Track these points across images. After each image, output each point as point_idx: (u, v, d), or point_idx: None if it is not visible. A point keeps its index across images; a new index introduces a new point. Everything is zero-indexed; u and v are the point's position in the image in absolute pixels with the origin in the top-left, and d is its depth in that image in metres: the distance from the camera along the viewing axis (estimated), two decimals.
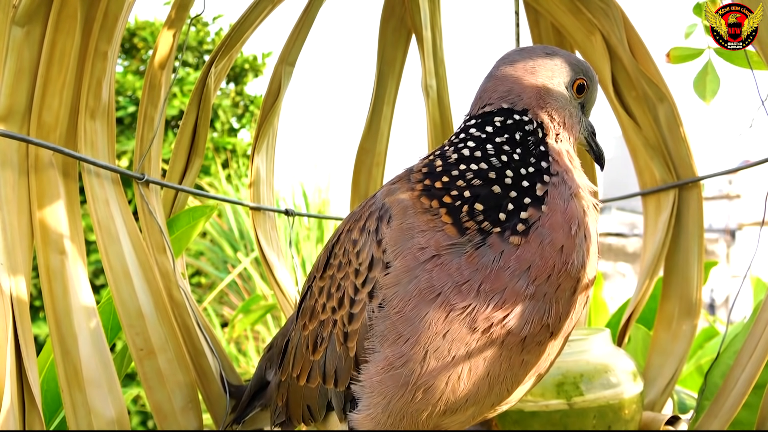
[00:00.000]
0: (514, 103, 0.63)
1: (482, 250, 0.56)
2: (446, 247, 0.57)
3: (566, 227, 0.58)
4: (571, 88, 0.66)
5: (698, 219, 1.03)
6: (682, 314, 1.03)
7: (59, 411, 0.87)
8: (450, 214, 0.58)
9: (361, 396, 0.62)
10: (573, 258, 0.58)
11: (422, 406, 0.59)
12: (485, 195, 0.58)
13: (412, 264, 0.57)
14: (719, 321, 2.16)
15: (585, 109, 0.68)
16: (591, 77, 0.68)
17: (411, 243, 0.58)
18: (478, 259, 0.56)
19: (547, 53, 0.67)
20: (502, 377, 0.60)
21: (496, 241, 0.57)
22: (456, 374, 0.58)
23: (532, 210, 0.57)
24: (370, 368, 0.60)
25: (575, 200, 0.59)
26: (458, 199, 0.58)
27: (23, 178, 0.75)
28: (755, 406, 0.84)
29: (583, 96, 0.67)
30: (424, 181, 0.61)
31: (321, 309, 0.68)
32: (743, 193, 7.16)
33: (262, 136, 1.09)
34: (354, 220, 0.66)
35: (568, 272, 0.58)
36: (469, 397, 0.60)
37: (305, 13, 1.09)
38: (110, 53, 0.81)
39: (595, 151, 0.70)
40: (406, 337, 0.57)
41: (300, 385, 0.71)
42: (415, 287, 0.57)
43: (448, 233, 0.57)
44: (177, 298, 0.89)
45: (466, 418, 0.63)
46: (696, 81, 0.96)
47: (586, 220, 0.60)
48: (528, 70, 0.64)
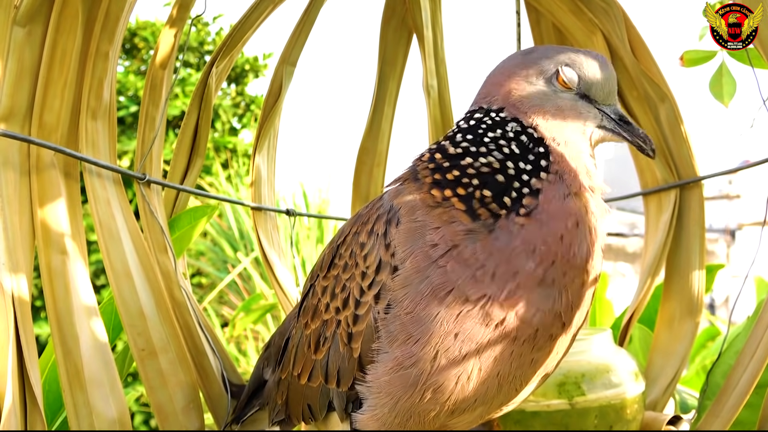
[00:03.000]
0: (490, 102, 0.64)
1: (495, 233, 0.57)
2: (461, 234, 0.58)
3: (563, 219, 0.58)
4: (555, 81, 0.63)
5: (699, 219, 1.03)
6: (684, 314, 1.03)
7: (61, 411, 0.87)
8: (463, 202, 0.58)
9: (367, 396, 0.62)
10: (574, 248, 0.58)
11: (431, 406, 0.59)
12: (491, 182, 0.59)
13: (424, 263, 0.58)
14: (720, 321, 2.16)
15: (592, 99, 0.63)
16: (581, 64, 0.62)
17: (422, 242, 0.58)
18: (491, 242, 0.57)
19: (525, 53, 0.66)
20: (511, 376, 0.60)
21: (504, 222, 0.58)
22: (466, 374, 0.58)
23: (530, 198, 0.58)
24: (378, 368, 0.60)
25: (574, 198, 0.59)
26: (469, 186, 0.59)
27: (24, 178, 0.75)
28: (757, 406, 0.83)
29: (573, 85, 0.62)
30: (434, 175, 0.61)
31: (324, 308, 0.67)
32: (743, 193, 7.15)
33: (263, 136, 1.09)
34: (361, 223, 0.66)
35: (571, 261, 0.58)
36: (478, 397, 0.60)
37: (306, 13, 1.09)
38: (111, 53, 0.81)
39: (629, 140, 0.63)
40: (416, 337, 0.57)
41: (301, 384, 0.70)
42: (428, 286, 0.57)
43: (462, 221, 0.58)
44: (178, 298, 0.89)
45: (474, 418, 0.63)
46: (712, 83, 0.96)
47: (588, 218, 0.59)
48: (504, 73, 0.65)
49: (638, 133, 0.63)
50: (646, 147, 0.62)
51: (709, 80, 0.96)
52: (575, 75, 0.62)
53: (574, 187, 0.60)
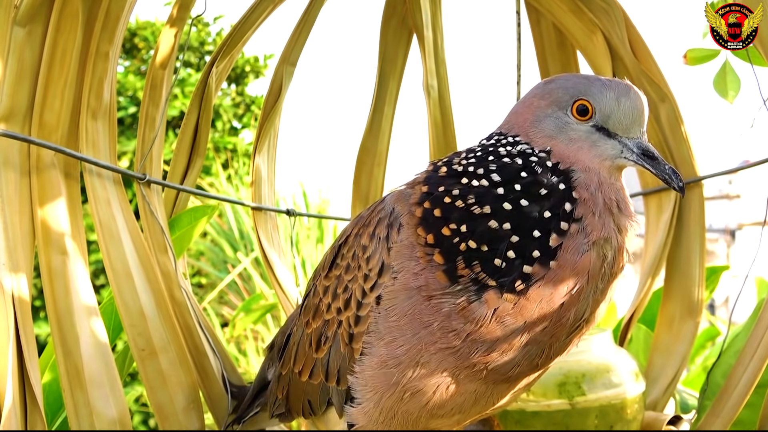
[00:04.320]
0: (508, 129, 0.62)
1: (475, 305, 0.54)
2: (436, 292, 0.55)
3: (571, 284, 0.54)
4: (570, 111, 0.59)
5: (700, 218, 1.03)
6: (684, 314, 1.03)
7: (61, 411, 0.87)
8: (443, 255, 0.55)
9: (356, 388, 0.63)
10: (571, 313, 0.56)
11: (411, 407, 0.61)
12: (480, 231, 0.54)
13: (409, 284, 0.58)
14: (721, 321, 2.16)
15: (611, 131, 0.59)
16: (595, 95, 0.59)
17: (409, 264, 0.58)
18: (470, 313, 0.54)
19: (546, 82, 0.63)
20: (488, 394, 0.62)
21: (492, 297, 0.54)
22: (444, 386, 0.59)
23: (538, 267, 0.53)
24: (365, 361, 0.61)
25: (593, 250, 0.55)
26: (456, 234, 0.55)
27: (25, 178, 0.75)
28: (757, 406, 0.83)
29: (591, 117, 0.59)
30: (424, 204, 0.58)
31: (326, 308, 0.68)
32: (743, 193, 7.15)
33: (263, 136, 1.09)
34: (363, 225, 0.66)
35: (563, 324, 0.56)
36: (455, 406, 0.62)
37: (306, 13, 1.09)
38: (111, 53, 0.81)
39: (658, 175, 0.58)
40: (400, 343, 0.59)
41: (302, 381, 0.71)
42: (410, 308, 0.57)
43: (438, 279, 0.55)
44: (178, 298, 0.89)
45: (452, 422, 0.65)
46: (716, 81, 0.95)
47: (601, 272, 0.55)
48: (524, 102, 0.63)
49: (665, 168, 0.58)
50: (674, 182, 0.57)
51: (713, 78, 0.96)
52: (588, 107, 0.59)
53: (596, 234, 0.55)
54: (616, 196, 0.58)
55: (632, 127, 0.59)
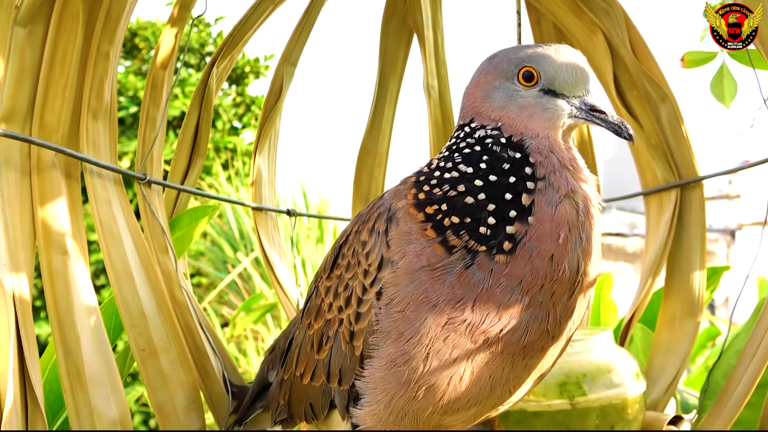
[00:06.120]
0: (464, 117, 0.65)
1: (471, 270, 0.57)
2: (437, 264, 0.57)
3: (555, 235, 0.57)
4: (517, 79, 0.62)
5: (700, 218, 1.03)
6: (685, 314, 1.03)
7: (62, 411, 0.87)
8: (435, 229, 0.58)
9: (364, 391, 0.62)
10: (564, 265, 0.57)
11: (424, 404, 0.60)
12: (460, 207, 0.58)
13: (411, 267, 0.58)
14: (721, 321, 2.16)
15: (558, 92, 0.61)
16: (538, 59, 0.61)
17: (410, 247, 0.59)
18: (468, 279, 0.57)
19: (489, 58, 0.66)
20: (504, 379, 0.61)
21: (484, 260, 0.57)
22: (458, 375, 0.58)
23: (519, 225, 0.57)
24: (373, 364, 0.61)
25: (565, 202, 0.58)
26: (438, 212, 0.59)
27: (25, 178, 0.75)
28: (758, 406, 0.84)
29: (537, 82, 0.61)
30: (413, 190, 0.62)
31: (327, 308, 0.68)
32: (743, 193, 7.15)
33: (263, 136, 1.09)
34: (362, 222, 0.66)
35: (560, 279, 0.57)
36: (471, 398, 0.60)
37: (307, 14, 1.09)
38: (112, 53, 0.81)
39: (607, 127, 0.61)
40: (407, 336, 0.58)
41: (303, 384, 0.71)
42: (415, 290, 0.58)
43: (436, 251, 0.58)
44: (179, 299, 0.89)
45: (468, 417, 0.64)
46: (713, 84, 0.96)
47: (579, 221, 0.58)
48: (472, 83, 0.66)
49: (612, 119, 0.61)
50: (623, 132, 0.60)
51: (710, 81, 0.96)
52: (532, 72, 0.61)
53: (564, 188, 0.58)
54: (569, 155, 0.61)
55: (577, 86, 0.62)
